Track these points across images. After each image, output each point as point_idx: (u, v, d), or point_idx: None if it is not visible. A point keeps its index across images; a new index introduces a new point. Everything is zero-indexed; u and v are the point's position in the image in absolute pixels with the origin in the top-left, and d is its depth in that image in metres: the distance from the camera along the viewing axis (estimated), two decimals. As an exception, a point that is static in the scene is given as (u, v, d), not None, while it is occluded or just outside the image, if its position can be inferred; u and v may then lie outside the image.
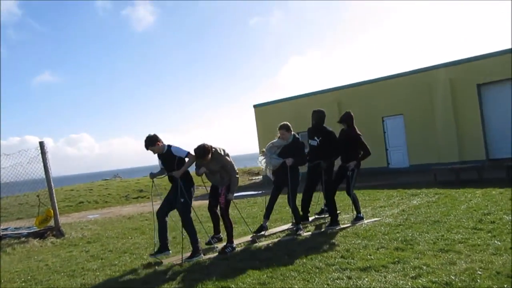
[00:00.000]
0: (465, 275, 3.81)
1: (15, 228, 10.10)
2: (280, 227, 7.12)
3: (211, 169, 5.82)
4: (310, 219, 7.52)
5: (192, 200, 5.77)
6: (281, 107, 19.68)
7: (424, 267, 4.15)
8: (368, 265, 4.41)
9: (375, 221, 6.93)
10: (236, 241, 6.12)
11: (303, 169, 6.85)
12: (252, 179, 20.62)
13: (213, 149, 5.76)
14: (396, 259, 4.52)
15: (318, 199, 7.95)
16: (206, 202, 6.53)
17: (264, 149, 6.84)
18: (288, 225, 7.15)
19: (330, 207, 6.93)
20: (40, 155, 8.70)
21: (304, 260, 4.85)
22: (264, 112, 20.42)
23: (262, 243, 6.10)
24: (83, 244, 7.78)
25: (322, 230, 6.66)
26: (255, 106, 20.98)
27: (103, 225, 10.27)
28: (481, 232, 5.45)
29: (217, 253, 5.71)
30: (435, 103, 15.65)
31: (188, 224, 5.61)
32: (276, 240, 6.25)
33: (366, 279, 4.00)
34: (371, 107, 16.97)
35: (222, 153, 5.86)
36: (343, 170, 7.05)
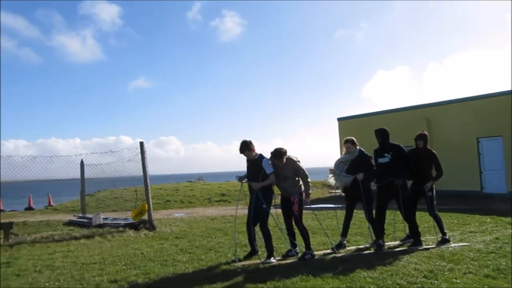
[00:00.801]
0: None
1: (113, 219, 11.18)
2: (361, 246, 6.99)
3: (284, 174, 6.02)
4: (395, 243, 7.12)
5: (271, 207, 6.03)
6: (366, 122, 19.31)
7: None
8: (453, 288, 4.29)
9: (463, 245, 6.60)
10: (315, 252, 6.24)
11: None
12: (332, 192, 20.41)
13: (288, 155, 6.04)
14: (486, 287, 4.33)
15: (395, 223, 7.72)
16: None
17: (332, 168, 6.85)
18: (367, 244, 6.98)
19: (412, 227, 6.75)
20: (139, 154, 9.57)
21: (385, 276, 4.83)
22: (349, 125, 20.19)
23: (341, 254, 6.16)
24: (172, 239, 8.41)
25: (404, 248, 6.51)
26: (339, 120, 20.83)
27: (189, 224, 10.95)
28: None
29: (296, 259, 5.90)
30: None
31: (264, 230, 5.93)
32: (355, 253, 6.27)
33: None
34: (464, 126, 16.00)
35: (295, 160, 6.11)
36: (418, 191, 6.87)
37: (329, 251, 6.46)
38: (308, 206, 6.19)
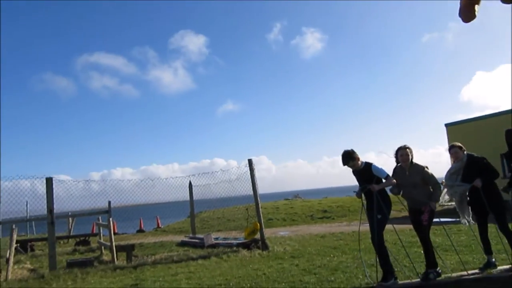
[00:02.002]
0: None
1: (224, 238, 11.25)
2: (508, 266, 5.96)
3: (410, 181, 5.37)
4: None
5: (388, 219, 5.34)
6: (476, 126, 17.59)
7: None
8: None
9: None
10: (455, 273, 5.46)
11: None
12: (444, 205, 18.72)
13: (414, 162, 5.45)
14: None
15: None
16: (406, 226, 5.96)
17: (442, 180, 5.87)
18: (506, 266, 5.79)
19: None
20: (248, 172, 9.52)
21: None
22: (458, 131, 18.51)
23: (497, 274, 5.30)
24: (288, 258, 8.11)
25: None
26: (447, 125, 19.23)
27: (300, 242, 10.59)
28: None
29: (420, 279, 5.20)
30: None
31: (380, 243, 5.21)
32: (498, 275, 5.32)
33: None
34: None
35: (423, 166, 5.45)
36: None
37: (476, 271, 5.60)
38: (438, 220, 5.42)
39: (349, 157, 5.43)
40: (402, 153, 5.47)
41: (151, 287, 6.42)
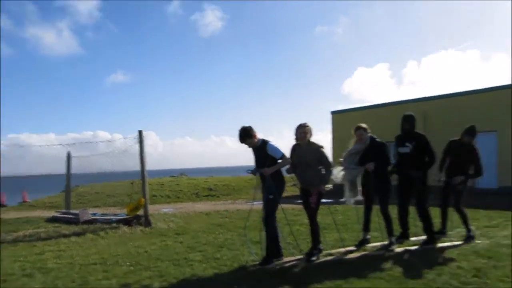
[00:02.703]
0: None
1: (102, 214, 10.41)
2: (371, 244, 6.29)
3: (305, 160, 5.34)
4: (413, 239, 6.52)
5: (280, 199, 5.34)
6: (361, 115, 19.11)
7: None
8: (515, 288, 3.86)
9: (490, 241, 6.25)
10: (334, 250, 5.74)
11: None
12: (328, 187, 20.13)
13: (311, 141, 5.43)
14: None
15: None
16: (295, 206, 6.05)
17: (340, 159, 6.13)
18: (377, 243, 6.27)
19: (427, 222, 6.24)
20: (137, 143, 8.85)
21: (432, 276, 4.38)
22: (343, 119, 19.90)
23: (366, 252, 5.67)
24: (172, 235, 7.77)
25: (418, 247, 5.96)
26: (333, 113, 20.51)
27: (185, 219, 10.30)
28: None
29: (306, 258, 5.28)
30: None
31: (271, 224, 5.18)
32: (380, 251, 5.74)
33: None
34: (460, 121, 15.88)
35: (319, 145, 5.46)
36: (450, 186, 6.44)
37: (352, 248, 5.93)
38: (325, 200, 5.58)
39: (246, 134, 5.24)
40: (301, 131, 5.41)
41: (10, 268, 5.51)
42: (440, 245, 6.04)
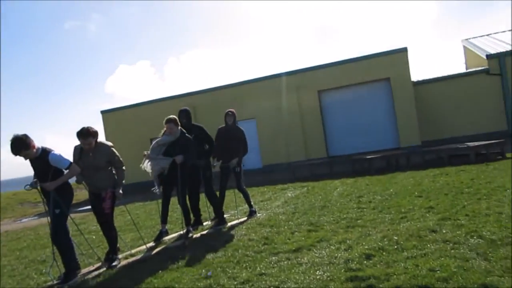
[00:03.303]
0: (387, 241, 4.33)
1: None
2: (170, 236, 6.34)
3: (95, 164, 4.95)
4: (207, 223, 7.01)
5: (70, 210, 4.90)
6: (132, 112, 18.92)
7: (348, 241, 4.55)
8: (296, 246, 4.59)
9: (268, 212, 7.22)
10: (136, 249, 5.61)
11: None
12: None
13: (98, 140, 5.03)
14: (317, 239, 4.81)
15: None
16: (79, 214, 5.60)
17: (146, 152, 6.14)
18: (175, 234, 6.39)
19: (216, 205, 6.87)
20: None
21: (230, 252, 4.76)
22: (114, 117, 19.24)
23: (154, 251, 5.73)
24: None
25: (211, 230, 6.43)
26: (103, 112, 19.51)
27: None
28: (367, 209, 6.23)
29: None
30: (283, 107, 17.14)
31: (63, 239, 4.66)
32: (175, 243, 5.88)
33: (306, 257, 4.16)
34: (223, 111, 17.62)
35: (109, 144, 5.17)
36: (226, 169, 7.02)
37: (152, 244, 5.83)
38: (119, 201, 5.33)
39: (21, 145, 4.41)
40: (85, 142, 4.88)
41: None
42: (229, 224, 6.63)
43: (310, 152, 16.87)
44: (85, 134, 4.82)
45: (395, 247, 4.10)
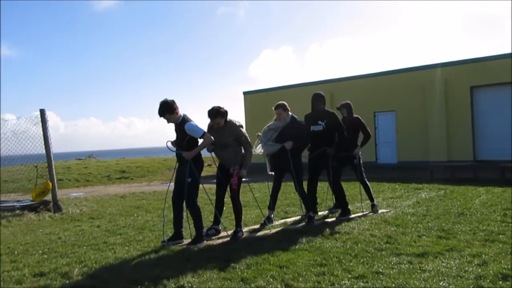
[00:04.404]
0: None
1: (1, 201, 9.43)
2: (290, 219, 6.56)
3: (223, 141, 5.23)
4: (323, 213, 6.94)
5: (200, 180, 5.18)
6: (272, 96, 19.56)
7: (484, 255, 4.07)
8: (422, 251, 4.28)
9: (396, 211, 6.87)
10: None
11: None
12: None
13: (229, 119, 5.27)
14: (447, 247, 4.41)
15: (327, 193, 7.51)
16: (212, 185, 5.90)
17: (259, 133, 6.23)
18: (296, 217, 6.57)
19: (340, 197, 6.69)
20: (39, 123, 8.09)
21: (350, 244, 4.68)
22: (254, 99, 20.22)
23: (274, 230, 5.89)
24: (87, 220, 7.32)
25: (334, 219, 6.36)
26: (245, 93, 20.72)
27: (99, 203, 9.77)
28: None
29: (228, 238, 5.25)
30: (427, 102, 15.88)
31: (193, 207, 5.03)
32: (298, 225, 5.99)
33: (431, 264, 3.86)
34: (362, 101, 17.06)
35: (237, 124, 5.38)
36: (346, 159, 6.77)
37: (257, 226, 5.95)
38: (244, 179, 5.49)
39: (166, 108, 4.91)
40: (215, 121, 5.24)
41: None
42: (353, 215, 6.50)
43: (453, 153, 15.36)
44: (214, 113, 5.16)
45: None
